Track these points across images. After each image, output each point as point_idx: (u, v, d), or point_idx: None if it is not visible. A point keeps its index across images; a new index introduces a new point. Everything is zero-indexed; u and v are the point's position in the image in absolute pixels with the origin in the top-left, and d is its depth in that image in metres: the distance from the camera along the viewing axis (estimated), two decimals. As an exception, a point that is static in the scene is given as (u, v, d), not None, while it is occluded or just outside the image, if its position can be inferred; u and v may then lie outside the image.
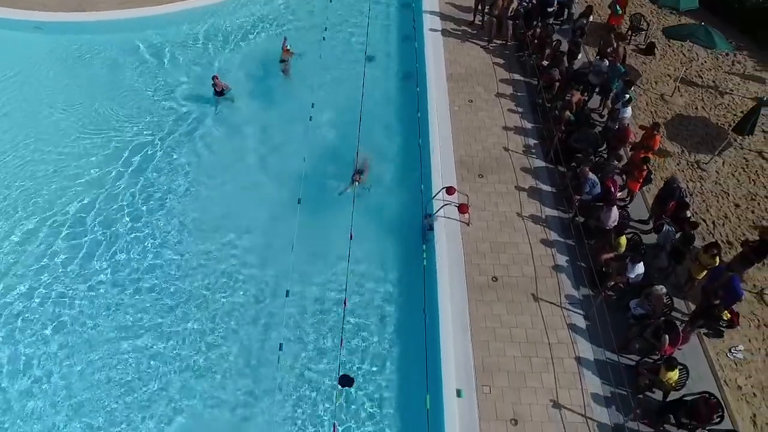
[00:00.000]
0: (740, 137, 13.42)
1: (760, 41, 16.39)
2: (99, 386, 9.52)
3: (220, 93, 14.48)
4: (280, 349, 9.64)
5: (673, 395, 8.85)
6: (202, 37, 16.88)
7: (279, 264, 10.97)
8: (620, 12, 16.25)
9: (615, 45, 14.24)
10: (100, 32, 16.86)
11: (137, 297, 10.72)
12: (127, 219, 12.00)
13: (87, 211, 12.10)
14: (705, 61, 15.95)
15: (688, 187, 12.19)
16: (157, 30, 16.92)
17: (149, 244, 11.53)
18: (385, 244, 11.56)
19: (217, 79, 14.32)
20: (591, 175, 11.31)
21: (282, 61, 15.80)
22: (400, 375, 9.68)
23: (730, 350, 9.76)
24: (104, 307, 10.56)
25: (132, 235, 11.70)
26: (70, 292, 10.76)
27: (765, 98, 13.35)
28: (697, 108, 14.44)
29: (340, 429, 8.83)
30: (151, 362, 9.83)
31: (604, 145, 12.57)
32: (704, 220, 11.77)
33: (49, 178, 12.78)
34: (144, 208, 12.24)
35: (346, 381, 9.48)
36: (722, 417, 8.37)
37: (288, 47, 15.82)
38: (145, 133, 13.87)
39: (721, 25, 15.94)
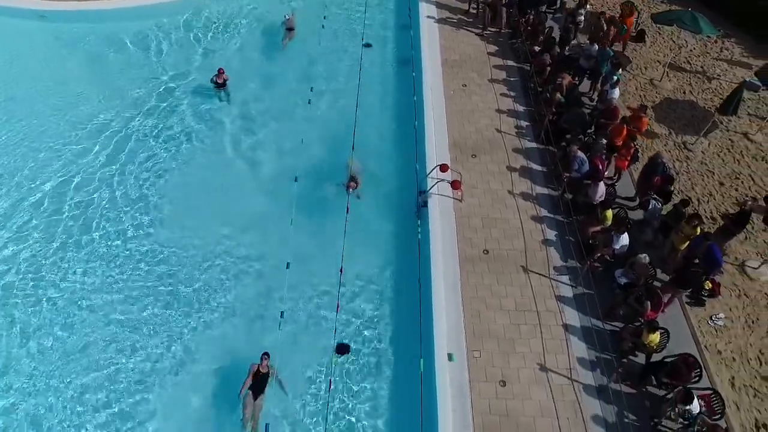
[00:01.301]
0: (726, 120, 13.84)
1: (753, 34, 16.67)
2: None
3: (221, 85, 14.58)
4: (281, 316, 10.04)
5: (655, 358, 9.26)
6: (203, 25, 17.25)
7: (279, 237, 11.35)
8: (626, 31, 15.50)
9: (605, 29, 14.63)
10: (103, 21, 17.28)
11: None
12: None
13: (96, 189, 12.56)
14: (694, 48, 16.35)
15: (674, 167, 12.62)
16: (159, 18, 17.30)
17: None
18: (381, 219, 11.95)
19: (223, 72, 14.47)
20: (580, 154, 11.72)
21: (289, 29, 16.43)
22: (395, 341, 10.07)
23: (711, 318, 10.16)
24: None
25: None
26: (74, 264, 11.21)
27: (748, 80, 13.75)
28: (685, 92, 14.84)
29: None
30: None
31: (593, 126, 12.94)
32: (689, 198, 12.13)
33: (54, 163, 13.21)
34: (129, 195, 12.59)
35: (342, 349, 9.90)
36: (700, 375, 8.79)
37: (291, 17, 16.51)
38: (137, 120, 14.21)
39: (716, 17, 16.26)
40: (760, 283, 10.72)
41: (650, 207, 11.03)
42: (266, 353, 9.28)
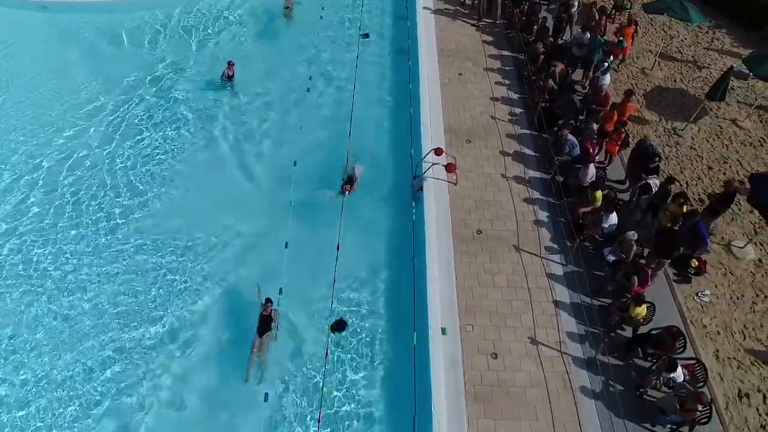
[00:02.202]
0: (716, 107, 14.16)
1: (747, 28, 16.95)
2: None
3: (228, 78, 14.80)
4: (280, 293, 10.33)
5: (642, 331, 9.56)
6: (202, 15, 17.58)
7: (278, 219, 11.65)
8: (625, 45, 14.92)
9: (597, 18, 14.94)
10: (104, 12, 17.60)
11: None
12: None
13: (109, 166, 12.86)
14: (685, 38, 16.67)
15: (664, 151, 12.92)
16: (163, 9, 17.60)
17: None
18: (377, 202, 12.25)
19: (233, 65, 14.71)
20: (571, 137, 12.02)
21: (286, 7, 17.14)
22: (390, 316, 10.35)
23: (697, 294, 10.46)
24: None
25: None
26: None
27: (736, 67, 14.05)
28: (675, 80, 15.16)
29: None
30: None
31: (584, 112, 13.24)
32: (678, 181, 12.44)
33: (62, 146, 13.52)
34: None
35: (339, 326, 10.17)
36: (685, 346, 9.09)
37: None
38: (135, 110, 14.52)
39: (710, 11, 16.55)
40: (746, 262, 11.02)
41: (652, 187, 11.24)
42: (269, 299, 9.82)
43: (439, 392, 8.92)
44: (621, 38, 14.69)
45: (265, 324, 9.76)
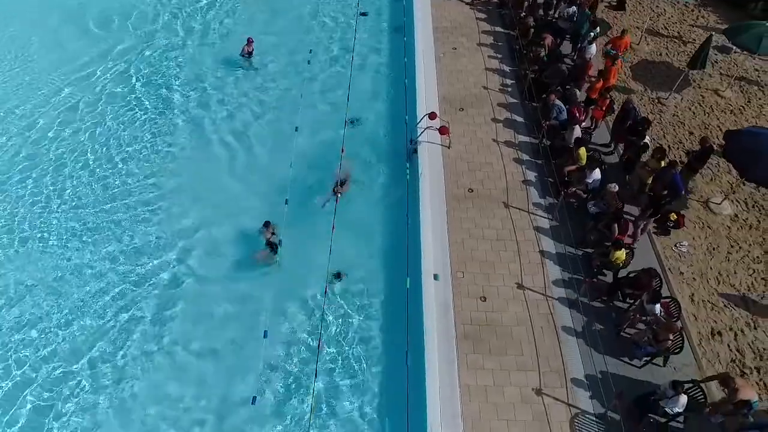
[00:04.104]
0: (699, 78, 14.78)
1: (732, 6, 17.45)
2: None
3: (248, 54, 15.35)
4: (280, 244, 10.95)
5: (621, 275, 10.18)
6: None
7: (280, 181, 12.27)
8: (613, 53, 13.77)
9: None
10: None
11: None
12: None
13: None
14: (671, 16, 17.29)
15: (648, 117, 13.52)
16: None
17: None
18: (373, 164, 12.89)
19: (252, 42, 15.26)
20: (558, 102, 12.65)
21: None
22: (385, 263, 11.01)
23: (675, 245, 11.09)
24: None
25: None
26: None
27: (716, 38, 14.63)
28: (661, 54, 15.78)
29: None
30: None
31: (571, 80, 13.86)
32: (661, 145, 13.06)
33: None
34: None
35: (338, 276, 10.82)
36: (660, 284, 9.73)
37: None
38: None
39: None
40: (722, 217, 11.64)
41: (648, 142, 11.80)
42: (267, 222, 11.04)
43: (431, 330, 9.55)
44: (614, 51, 13.98)
45: (269, 246, 10.83)
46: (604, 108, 12.90)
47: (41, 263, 11.11)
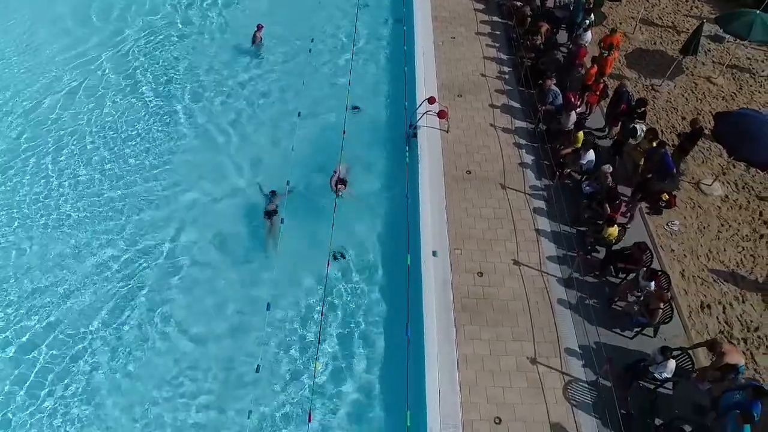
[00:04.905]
0: (692, 66, 15.12)
1: None
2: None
3: (259, 40, 15.66)
4: (282, 222, 11.29)
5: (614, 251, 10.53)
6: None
7: (282, 160, 12.64)
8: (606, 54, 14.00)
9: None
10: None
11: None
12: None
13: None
14: (666, 6, 17.63)
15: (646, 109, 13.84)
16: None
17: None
18: (373, 147, 13.24)
19: (262, 28, 15.57)
20: (554, 87, 13.00)
21: None
22: (386, 241, 11.36)
23: (667, 224, 11.43)
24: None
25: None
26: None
27: (707, 26, 14.97)
28: (655, 43, 16.12)
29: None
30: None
31: (567, 67, 14.20)
32: (653, 127, 13.37)
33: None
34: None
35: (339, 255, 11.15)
36: (652, 258, 10.07)
37: None
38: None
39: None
40: (713, 198, 11.99)
41: (638, 132, 12.15)
42: (274, 191, 11.71)
43: (430, 303, 9.89)
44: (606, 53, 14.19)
45: (273, 214, 11.46)
46: (598, 93, 13.23)
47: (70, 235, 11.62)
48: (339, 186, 11.82)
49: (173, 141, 13.52)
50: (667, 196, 11.57)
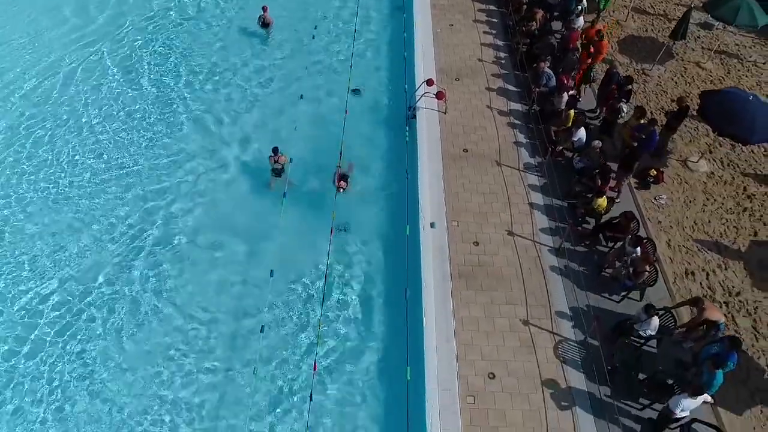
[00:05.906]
0: (682, 51, 15.66)
1: None
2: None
3: (265, 25, 16.19)
4: (284, 196, 11.79)
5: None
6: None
7: (285, 137, 13.15)
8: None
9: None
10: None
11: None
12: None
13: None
14: (658, -5, 18.18)
15: (632, 87, 14.37)
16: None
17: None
18: (374, 128, 13.76)
19: (267, 9, 16.02)
20: (547, 69, 13.51)
21: None
22: (386, 213, 11.91)
23: (654, 198, 11.96)
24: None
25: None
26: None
27: (702, 20, 15.51)
28: (647, 30, 16.65)
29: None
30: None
31: (560, 51, 14.71)
32: (641, 105, 13.87)
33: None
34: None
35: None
36: (638, 227, 10.60)
37: None
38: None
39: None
40: (699, 174, 12.52)
41: (625, 110, 12.70)
42: (276, 148, 12.09)
43: (428, 269, 10.43)
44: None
45: (278, 172, 12.19)
46: (582, 71, 13.79)
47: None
48: (341, 183, 11.72)
49: (175, 119, 14.07)
50: (654, 172, 12.10)
